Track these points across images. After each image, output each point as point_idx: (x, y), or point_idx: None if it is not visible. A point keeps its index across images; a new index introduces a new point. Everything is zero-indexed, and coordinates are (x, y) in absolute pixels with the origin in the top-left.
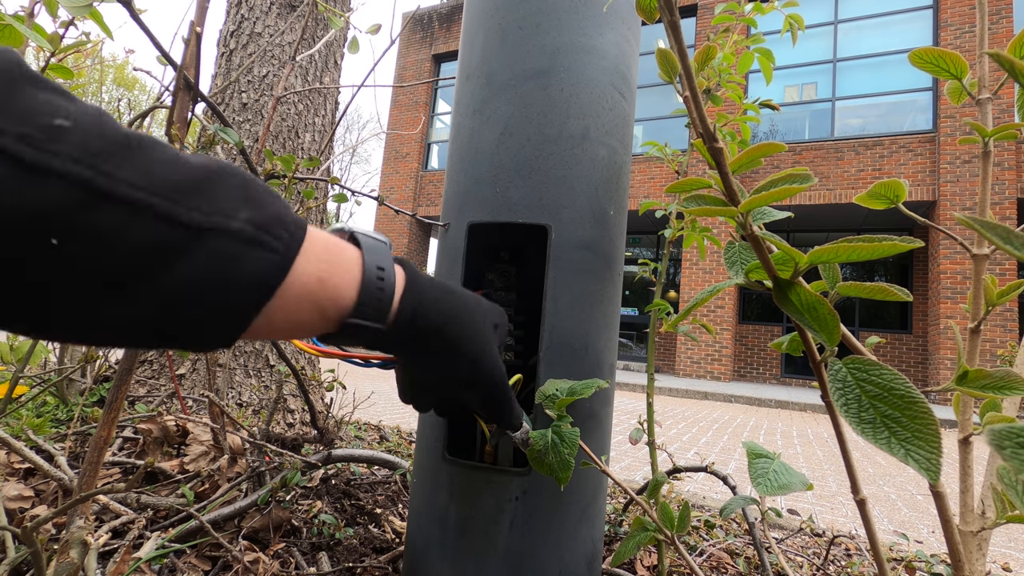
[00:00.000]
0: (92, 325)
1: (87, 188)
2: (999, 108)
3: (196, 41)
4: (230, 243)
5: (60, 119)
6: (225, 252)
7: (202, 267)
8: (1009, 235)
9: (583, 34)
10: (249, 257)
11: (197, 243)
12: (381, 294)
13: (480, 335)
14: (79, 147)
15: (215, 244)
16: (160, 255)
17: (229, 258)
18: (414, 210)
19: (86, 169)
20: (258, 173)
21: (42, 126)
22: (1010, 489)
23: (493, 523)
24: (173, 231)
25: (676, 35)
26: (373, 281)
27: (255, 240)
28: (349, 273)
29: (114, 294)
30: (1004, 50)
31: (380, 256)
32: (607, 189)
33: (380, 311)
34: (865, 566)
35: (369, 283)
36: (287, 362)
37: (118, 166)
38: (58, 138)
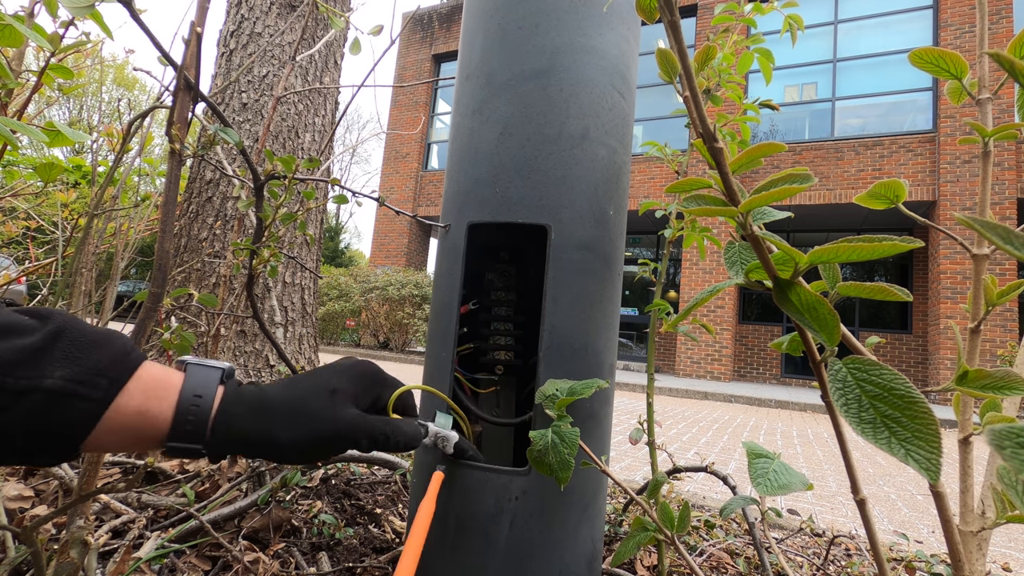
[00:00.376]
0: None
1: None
2: (999, 108)
3: (196, 41)
4: (44, 397)
5: None
6: (38, 406)
7: (21, 418)
8: (1009, 235)
9: (583, 34)
10: (63, 406)
11: (16, 402)
12: (195, 419)
13: (302, 423)
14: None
15: (30, 401)
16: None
17: (44, 410)
18: (414, 210)
19: None
20: (258, 173)
21: None
22: (1010, 489)
23: (493, 523)
24: (1, 396)
25: (676, 35)
26: (187, 409)
27: (70, 392)
28: (166, 401)
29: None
30: (1004, 50)
31: (201, 384)
32: (607, 189)
33: (195, 434)
34: (865, 566)
35: (182, 411)
36: (287, 362)
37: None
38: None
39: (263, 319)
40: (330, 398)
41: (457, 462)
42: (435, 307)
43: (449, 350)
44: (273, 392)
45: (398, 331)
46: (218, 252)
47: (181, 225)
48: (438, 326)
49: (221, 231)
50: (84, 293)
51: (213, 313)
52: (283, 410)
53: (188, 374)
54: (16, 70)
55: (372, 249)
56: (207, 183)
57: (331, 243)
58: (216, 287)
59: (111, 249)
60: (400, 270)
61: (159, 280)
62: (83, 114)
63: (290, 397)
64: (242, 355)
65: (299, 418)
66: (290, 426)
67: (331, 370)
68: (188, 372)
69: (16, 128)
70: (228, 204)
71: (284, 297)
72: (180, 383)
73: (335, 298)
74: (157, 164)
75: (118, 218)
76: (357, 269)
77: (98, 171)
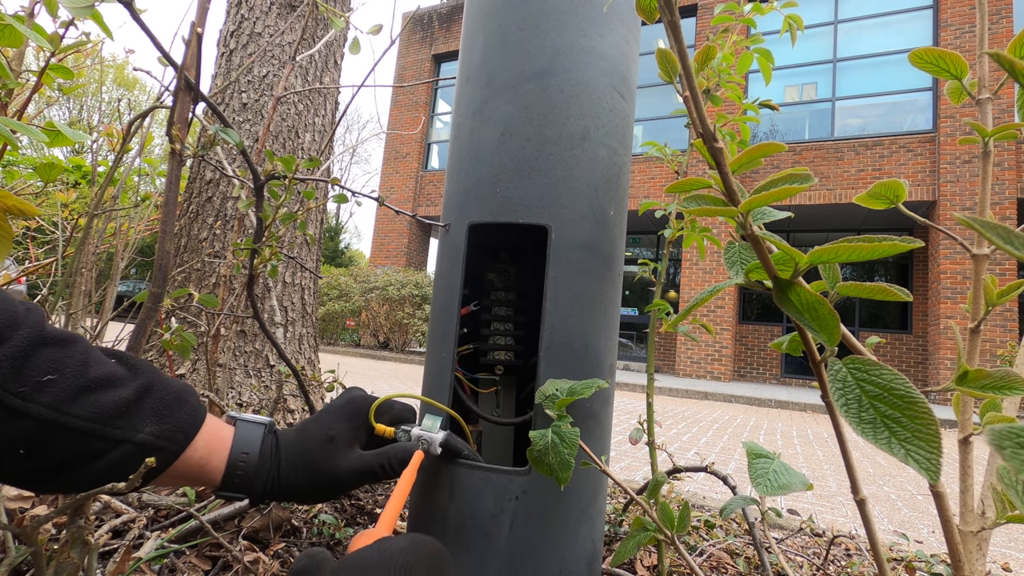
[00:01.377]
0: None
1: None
2: (999, 108)
3: (196, 41)
4: (134, 449)
5: (50, 375)
6: (129, 454)
7: (109, 464)
8: (1009, 235)
9: (583, 35)
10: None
11: (113, 448)
12: (243, 474)
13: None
14: (53, 396)
15: (123, 450)
16: (90, 456)
17: (131, 457)
18: (414, 210)
19: (50, 412)
20: (258, 173)
21: (34, 383)
22: (1010, 489)
23: (493, 523)
24: (99, 441)
25: (676, 35)
26: (236, 464)
27: (155, 447)
28: (219, 455)
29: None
30: (1004, 50)
31: (248, 441)
32: (607, 189)
33: (242, 486)
34: (865, 566)
35: (232, 465)
36: (287, 362)
37: (75, 404)
38: (41, 389)
39: (263, 319)
40: (328, 447)
41: (456, 462)
42: (435, 307)
43: (449, 350)
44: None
45: (398, 331)
46: (218, 252)
47: (181, 225)
48: (438, 326)
49: (221, 231)
50: (84, 293)
51: (213, 313)
52: (297, 462)
53: (237, 430)
54: (16, 70)
55: (372, 249)
56: (207, 183)
57: (331, 243)
58: (216, 287)
59: (111, 249)
60: (400, 270)
61: (159, 280)
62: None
63: (302, 451)
64: (242, 355)
65: (308, 467)
66: (303, 476)
67: (328, 414)
68: (237, 428)
69: (16, 128)
70: (228, 204)
71: (284, 297)
72: (231, 439)
73: (335, 298)
74: (157, 164)
75: (118, 218)
76: (357, 269)
77: (98, 171)
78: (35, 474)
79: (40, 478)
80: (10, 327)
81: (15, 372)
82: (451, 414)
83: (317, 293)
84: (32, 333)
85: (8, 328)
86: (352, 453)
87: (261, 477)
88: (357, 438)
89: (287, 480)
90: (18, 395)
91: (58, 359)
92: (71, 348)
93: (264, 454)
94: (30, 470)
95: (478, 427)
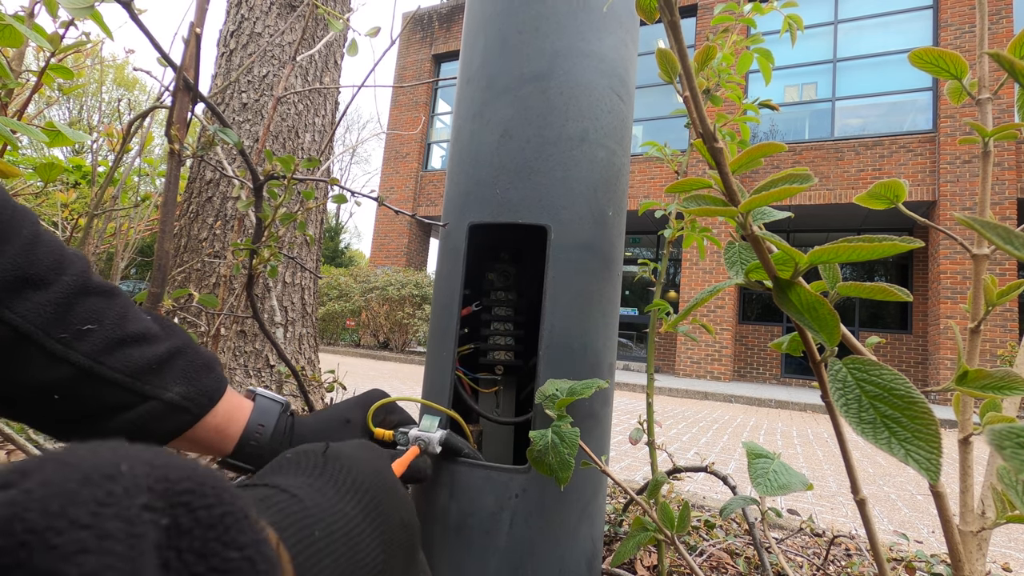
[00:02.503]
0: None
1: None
2: (999, 108)
3: (196, 41)
4: (161, 406)
5: (90, 324)
6: (155, 411)
7: (136, 417)
8: (1009, 235)
9: (582, 39)
10: (171, 416)
11: (141, 403)
12: (256, 444)
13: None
14: (92, 345)
15: (151, 406)
16: (119, 408)
17: (157, 416)
18: (414, 210)
19: (87, 360)
20: (258, 173)
21: (75, 331)
22: (1010, 489)
23: (493, 521)
24: (129, 395)
25: (676, 35)
26: (251, 434)
27: (181, 407)
28: (236, 424)
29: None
30: (1004, 50)
31: (265, 414)
32: (606, 190)
33: (253, 456)
34: (865, 566)
35: (248, 434)
36: (287, 363)
37: (111, 356)
38: (81, 338)
39: (263, 319)
40: (346, 428)
41: (457, 460)
42: (436, 307)
43: (450, 350)
44: (305, 421)
45: (398, 331)
46: (218, 252)
47: (181, 225)
48: (439, 326)
49: (221, 231)
50: None
51: (213, 313)
52: (309, 437)
53: (256, 403)
54: (16, 70)
55: (372, 249)
56: (207, 183)
57: (331, 243)
58: (216, 287)
59: (111, 249)
60: (400, 270)
61: (159, 280)
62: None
63: (319, 430)
64: (242, 355)
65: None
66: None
67: (346, 403)
68: (256, 401)
69: (16, 128)
70: (228, 204)
71: (284, 297)
72: (250, 410)
73: (335, 298)
74: (157, 164)
75: (118, 218)
76: (357, 269)
77: (98, 171)
78: (60, 419)
79: (63, 424)
80: (55, 271)
81: (58, 318)
82: (451, 415)
83: (317, 293)
84: (77, 280)
85: (53, 272)
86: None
87: (272, 451)
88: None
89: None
90: (60, 340)
91: (99, 309)
92: (112, 300)
93: (279, 428)
94: (57, 415)
95: (478, 427)
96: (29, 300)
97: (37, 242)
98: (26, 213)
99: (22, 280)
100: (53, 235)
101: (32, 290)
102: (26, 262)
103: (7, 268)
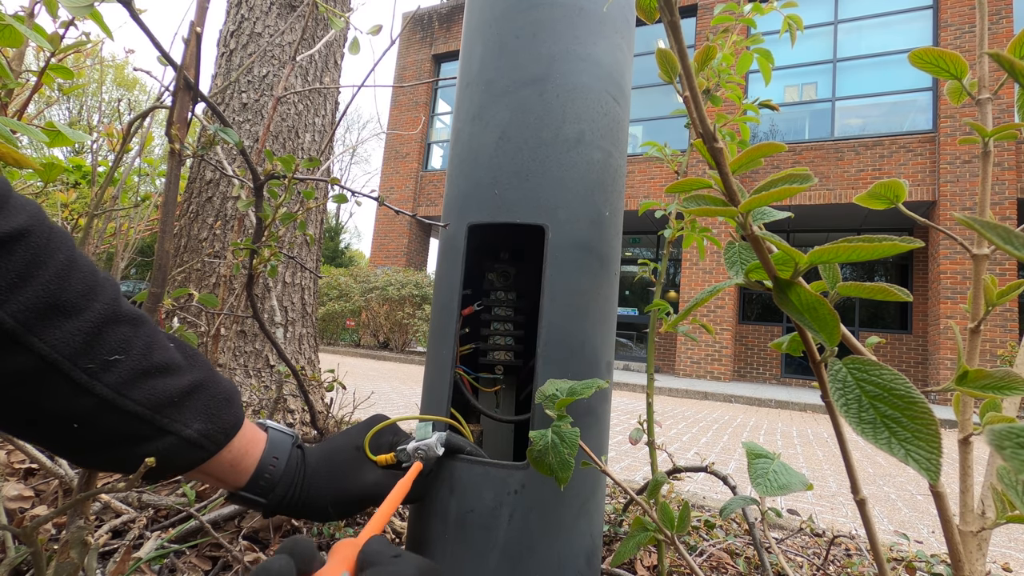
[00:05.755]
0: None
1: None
2: (999, 108)
3: (196, 41)
4: (179, 442)
5: (117, 355)
6: (173, 446)
7: (152, 450)
8: (1009, 235)
9: (578, 43)
10: (186, 452)
11: (159, 438)
12: (269, 478)
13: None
14: (117, 377)
15: (169, 441)
16: (136, 440)
17: (172, 451)
18: (414, 210)
19: (111, 392)
20: (258, 173)
21: (101, 361)
22: (1010, 489)
23: (492, 517)
24: (148, 428)
25: (676, 35)
26: (265, 467)
27: (197, 444)
28: (250, 458)
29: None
30: (1004, 50)
31: (278, 448)
32: (602, 191)
33: (266, 489)
34: (865, 566)
35: (260, 469)
36: (287, 362)
37: (134, 388)
38: (108, 369)
39: (263, 319)
40: (356, 455)
41: (456, 456)
42: (436, 307)
43: (450, 349)
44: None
45: (398, 331)
46: (218, 252)
47: (181, 225)
48: (439, 326)
49: (221, 231)
50: None
51: (213, 313)
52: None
53: (270, 436)
54: (16, 70)
55: (372, 249)
56: (207, 183)
57: (331, 243)
58: (216, 287)
59: (111, 249)
60: (400, 270)
61: (159, 280)
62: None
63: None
64: (242, 355)
65: (333, 475)
66: (328, 485)
67: (354, 428)
68: (270, 435)
69: (16, 128)
70: (228, 204)
71: (284, 297)
72: (264, 443)
73: (335, 298)
74: (157, 164)
75: (118, 218)
76: (357, 269)
77: (98, 171)
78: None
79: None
80: (87, 297)
81: (86, 347)
82: (449, 422)
83: (317, 293)
84: (107, 308)
85: (85, 299)
86: (379, 471)
87: (284, 484)
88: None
89: (311, 490)
90: (86, 371)
91: (127, 339)
92: (139, 328)
93: (292, 461)
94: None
95: (479, 426)
96: (59, 328)
97: (72, 267)
98: (63, 236)
99: (53, 307)
100: (87, 259)
101: (63, 318)
102: (59, 288)
103: (39, 295)
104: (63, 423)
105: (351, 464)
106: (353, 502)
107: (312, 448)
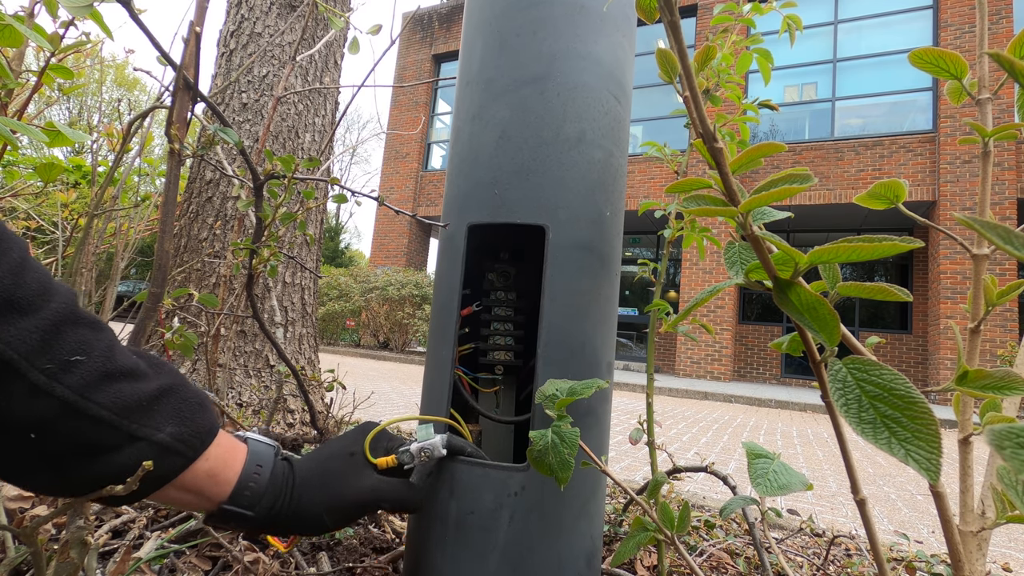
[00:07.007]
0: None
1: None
2: (999, 108)
3: (196, 41)
4: (151, 448)
5: (78, 355)
6: (144, 454)
7: (124, 459)
8: (1009, 235)
9: (579, 41)
10: (161, 459)
11: (129, 445)
12: (255, 486)
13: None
14: (79, 379)
15: (140, 448)
16: (102, 449)
17: (145, 457)
18: (414, 210)
19: (73, 395)
20: (258, 173)
21: (61, 362)
22: (1010, 489)
23: (493, 519)
24: (116, 435)
25: (676, 35)
26: (249, 476)
27: (172, 449)
28: (231, 468)
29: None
30: (1004, 50)
31: (261, 457)
32: (603, 190)
33: (252, 499)
34: (865, 566)
35: (245, 478)
36: (287, 362)
37: (98, 391)
38: (68, 370)
39: (263, 319)
40: (350, 460)
41: (457, 459)
42: (435, 307)
43: (449, 350)
44: (303, 460)
45: (398, 331)
46: (218, 252)
47: (181, 225)
48: (438, 326)
49: (221, 231)
50: (84, 293)
51: (213, 313)
52: (314, 479)
53: (250, 445)
54: (16, 70)
55: (372, 249)
56: (207, 183)
57: (331, 243)
58: (216, 287)
59: (111, 249)
60: (400, 270)
61: (159, 280)
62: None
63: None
64: (242, 355)
65: (326, 482)
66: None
67: (345, 435)
68: (250, 444)
69: (16, 128)
70: (228, 204)
71: (284, 297)
72: (245, 452)
73: (335, 298)
74: (157, 164)
75: (118, 218)
76: (357, 269)
77: (98, 171)
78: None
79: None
80: (42, 297)
81: (44, 346)
82: (449, 423)
83: (317, 293)
84: (65, 308)
85: (40, 298)
86: (375, 476)
87: (272, 494)
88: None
89: (302, 499)
90: (44, 371)
91: (88, 341)
92: (100, 332)
93: (277, 470)
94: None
95: (478, 427)
96: (13, 325)
97: (25, 266)
98: (15, 238)
99: (7, 303)
100: (40, 264)
101: (17, 315)
102: (13, 284)
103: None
104: (19, 433)
105: (346, 469)
106: (349, 508)
107: (300, 458)
